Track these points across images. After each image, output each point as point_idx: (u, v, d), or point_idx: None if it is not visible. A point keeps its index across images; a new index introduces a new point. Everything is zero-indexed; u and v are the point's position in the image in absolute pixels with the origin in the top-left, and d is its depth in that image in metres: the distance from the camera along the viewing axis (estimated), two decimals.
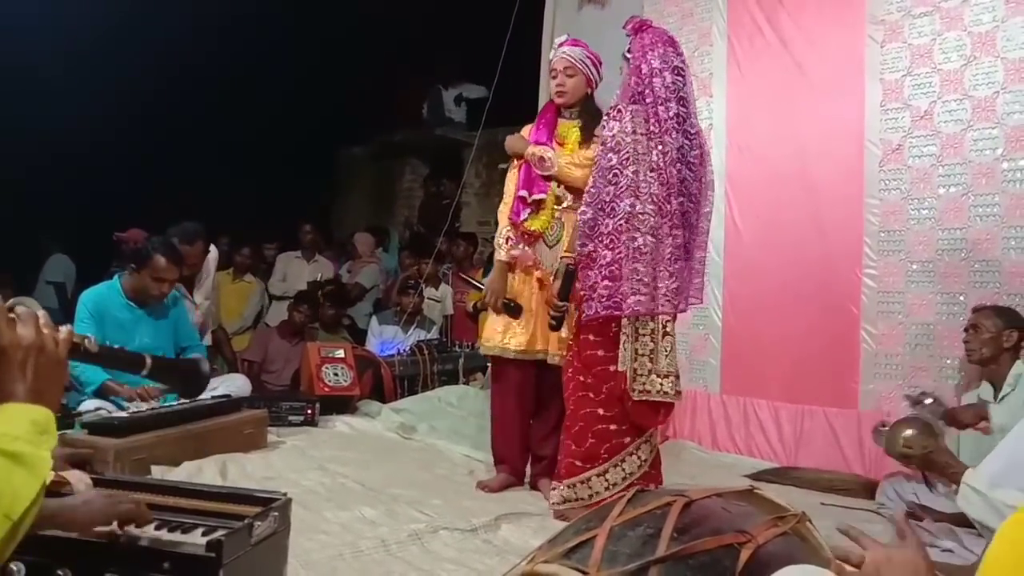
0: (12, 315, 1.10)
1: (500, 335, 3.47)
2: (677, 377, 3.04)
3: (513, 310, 3.45)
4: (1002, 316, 3.07)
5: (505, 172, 3.67)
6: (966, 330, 3.17)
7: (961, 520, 2.47)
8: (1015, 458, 2.00)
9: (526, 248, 3.45)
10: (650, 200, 2.96)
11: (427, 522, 2.79)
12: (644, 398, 2.97)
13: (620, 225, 2.96)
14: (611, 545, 1.10)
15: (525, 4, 5.29)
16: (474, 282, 3.51)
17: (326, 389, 4.85)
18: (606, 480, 3.00)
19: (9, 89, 7.15)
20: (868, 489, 3.53)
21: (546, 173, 3.42)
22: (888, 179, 4.08)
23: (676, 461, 4.32)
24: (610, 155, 2.99)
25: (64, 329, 1.17)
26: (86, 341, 1.26)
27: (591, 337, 3.06)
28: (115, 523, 1.39)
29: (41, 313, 1.13)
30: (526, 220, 3.44)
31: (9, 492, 0.96)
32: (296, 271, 6.81)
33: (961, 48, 3.87)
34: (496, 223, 3.65)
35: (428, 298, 6.26)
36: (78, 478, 1.55)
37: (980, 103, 3.80)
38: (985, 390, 3.07)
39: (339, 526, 2.72)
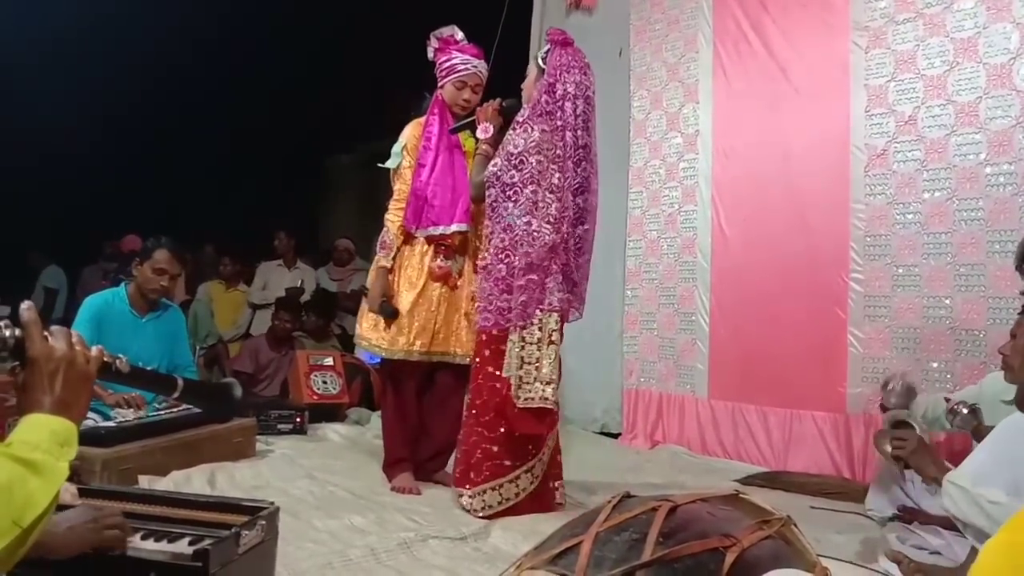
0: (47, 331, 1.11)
1: (404, 337, 3.43)
2: (556, 385, 3.04)
3: (391, 312, 3.45)
4: None
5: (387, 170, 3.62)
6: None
7: (949, 523, 2.48)
8: (996, 458, 2.02)
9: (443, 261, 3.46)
10: (546, 220, 3.02)
11: (416, 530, 2.78)
12: (528, 405, 2.98)
13: (516, 239, 3.03)
14: (597, 550, 1.11)
15: (512, 10, 5.31)
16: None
17: (315, 397, 4.85)
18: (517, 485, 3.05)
19: None
20: (857, 492, 3.55)
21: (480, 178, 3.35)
22: (873, 184, 4.12)
23: (665, 466, 4.33)
24: (512, 172, 3.04)
25: (96, 348, 1.17)
26: (117, 361, 1.26)
27: (486, 352, 3.09)
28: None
29: (75, 333, 1.14)
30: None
31: (22, 499, 0.97)
32: (277, 279, 6.70)
33: (944, 54, 3.91)
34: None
35: None
36: (64, 488, 1.54)
37: (963, 108, 3.84)
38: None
39: (328, 535, 2.71)
